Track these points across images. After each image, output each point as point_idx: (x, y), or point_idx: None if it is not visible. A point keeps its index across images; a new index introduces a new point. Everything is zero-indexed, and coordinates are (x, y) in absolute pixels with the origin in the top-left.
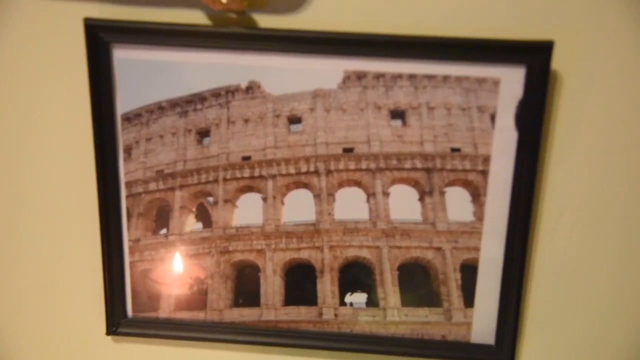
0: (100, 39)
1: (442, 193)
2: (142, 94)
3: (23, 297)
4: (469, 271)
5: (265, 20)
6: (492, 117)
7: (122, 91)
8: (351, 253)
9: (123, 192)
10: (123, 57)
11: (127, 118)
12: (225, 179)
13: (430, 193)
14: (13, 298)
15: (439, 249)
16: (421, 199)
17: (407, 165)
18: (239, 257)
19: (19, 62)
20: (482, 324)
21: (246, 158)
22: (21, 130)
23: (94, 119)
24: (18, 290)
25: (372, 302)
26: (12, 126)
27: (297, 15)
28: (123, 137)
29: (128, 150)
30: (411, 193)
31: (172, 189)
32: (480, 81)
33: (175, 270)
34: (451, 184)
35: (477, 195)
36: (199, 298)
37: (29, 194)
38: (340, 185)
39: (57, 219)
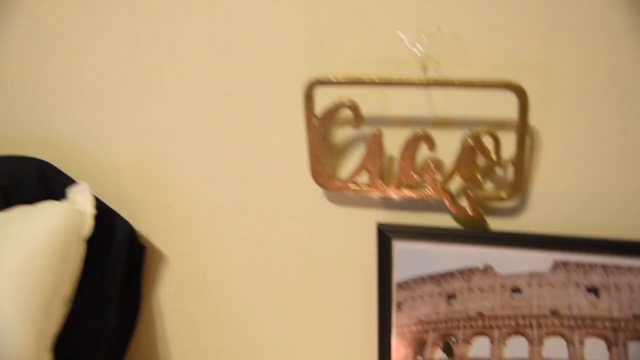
0: (386, 236)
1: (625, 345)
2: (410, 269)
3: None
4: None
5: (496, 223)
6: None
7: (397, 268)
8: None
9: (395, 333)
10: (400, 247)
11: (400, 285)
12: (464, 327)
13: (616, 344)
14: None
15: None
16: (609, 349)
17: (599, 325)
18: None
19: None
20: None
21: (480, 314)
22: (310, 295)
23: (379, 286)
24: None
25: None
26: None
27: (518, 219)
28: (397, 297)
29: (399, 306)
30: (601, 344)
31: (427, 331)
32: None
33: None
34: (633, 339)
35: None
36: None
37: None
38: (547, 335)
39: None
